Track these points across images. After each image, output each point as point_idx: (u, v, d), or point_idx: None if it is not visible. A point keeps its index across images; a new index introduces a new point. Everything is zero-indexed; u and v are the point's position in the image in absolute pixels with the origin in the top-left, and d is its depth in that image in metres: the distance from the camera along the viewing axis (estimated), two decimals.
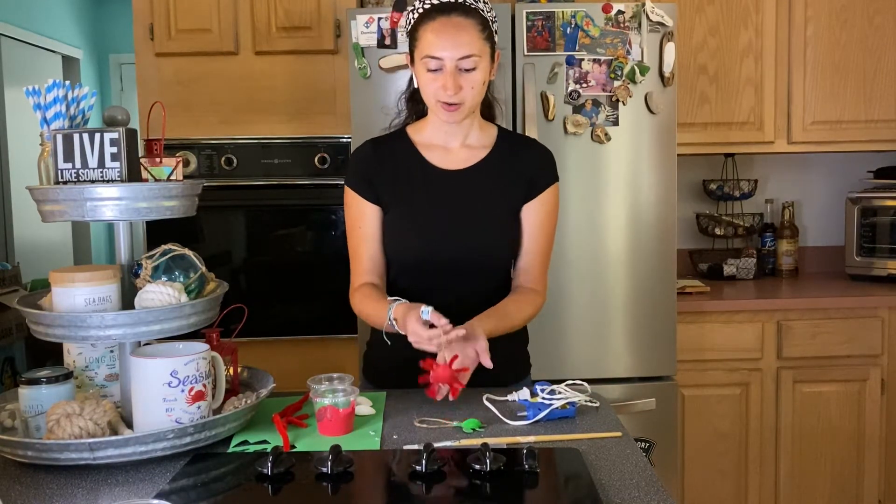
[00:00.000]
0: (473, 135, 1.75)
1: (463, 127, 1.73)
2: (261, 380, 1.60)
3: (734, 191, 3.32)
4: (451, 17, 1.60)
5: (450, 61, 1.59)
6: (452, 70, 1.60)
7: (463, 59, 1.60)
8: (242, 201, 2.88)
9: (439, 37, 1.60)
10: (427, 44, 1.61)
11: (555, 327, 2.60)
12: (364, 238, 1.72)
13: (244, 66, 2.88)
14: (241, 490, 1.22)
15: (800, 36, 3.07)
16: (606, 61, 2.55)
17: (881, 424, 2.89)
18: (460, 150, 1.74)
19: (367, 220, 1.72)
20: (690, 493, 2.87)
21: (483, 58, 1.62)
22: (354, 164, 1.76)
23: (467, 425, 1.45)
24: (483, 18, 1.63)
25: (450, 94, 1.60)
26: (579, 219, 2.59)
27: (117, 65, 6.15)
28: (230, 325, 1.65)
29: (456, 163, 1.73)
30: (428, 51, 1.61)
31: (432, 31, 1.60)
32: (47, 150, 1.45)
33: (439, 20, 1.61)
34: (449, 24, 1.60)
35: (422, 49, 1.62)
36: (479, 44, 1.61)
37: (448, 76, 1.60)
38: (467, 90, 1.62)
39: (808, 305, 2.87)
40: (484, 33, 1.62)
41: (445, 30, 1.60)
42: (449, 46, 1.59)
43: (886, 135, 3.12)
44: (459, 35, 1.59)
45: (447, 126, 1.72)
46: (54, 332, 1.37)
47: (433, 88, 1.63)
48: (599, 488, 1.17)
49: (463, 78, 1.61)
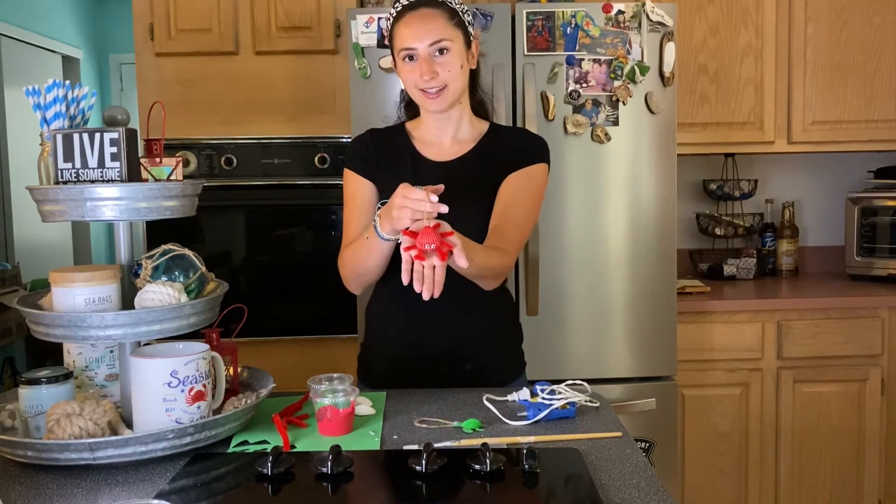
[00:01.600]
0: (464, 129, 1.78)
1: (452, 121, 1.76)
2: (261, 380, 1.60)
3: (734, 191, 3.32)
4: (419, 10, 1.68)
5: (422, 49, 1.65)
6: (426, 56, 1.65)
7: (433, 45, 1.65)
8: (242, 201, 2.88)
9: (409, 28, 1.66)
10: (400, 39, 1.68)
11: (555, 327, 2.60)
12: (358, 209, 1.76)
13: (244, 66, 2.88)
14: (241, 490, 1.22)
15: (800, 36, 3.07)
16: (606, 61, 2.55)
17: (881, 424, 2.89)
18: (452, 144, 1.78)
19: (361, 195, 1.76)
20: (690, 493, 2.87)
21: (455, 42, 1.67)
22: (353, 147, 1.82)
23: (467, 425, 1.45)
24: (451, 9, 1.69)
25: (426, 78, 1.65)
26: (579, 219, 2.59)
27: (117, 65, 6.14)
28: (230, 325, 1.65)
29: (446, 155, 1.77)
30: (401, 44, 1.68)
31: (403, 26, 1.67)
32: (47, 150, 1.45)
33: (408, 15, 1.68)
34: (417, 16, 1.67)
35: (397, 45, 1.69)
36: (448, 29, 1.67)
37: (422, 62, 1.65)
38: (444, 74, 1.66)
39: (808, 305, 2.87)
40: (453, 20, 1.68)
41: (414, 21, 1.67)
42: (419, 34, 1.65)
43: (886, 135, 3.12)
44: (427, 23, 1.66)
45: (437, 120, 1.75)
46: (54, 332, 1.37)
47: (412, 78, 1.68)
48: (599, 488, 1.17)
49: (437, 63, 1.65)
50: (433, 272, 1.39)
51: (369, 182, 1.76)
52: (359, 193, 1.76)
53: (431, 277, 1.39)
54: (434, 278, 1.39)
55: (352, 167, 1.79)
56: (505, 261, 1.66)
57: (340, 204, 1.84)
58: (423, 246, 1.39)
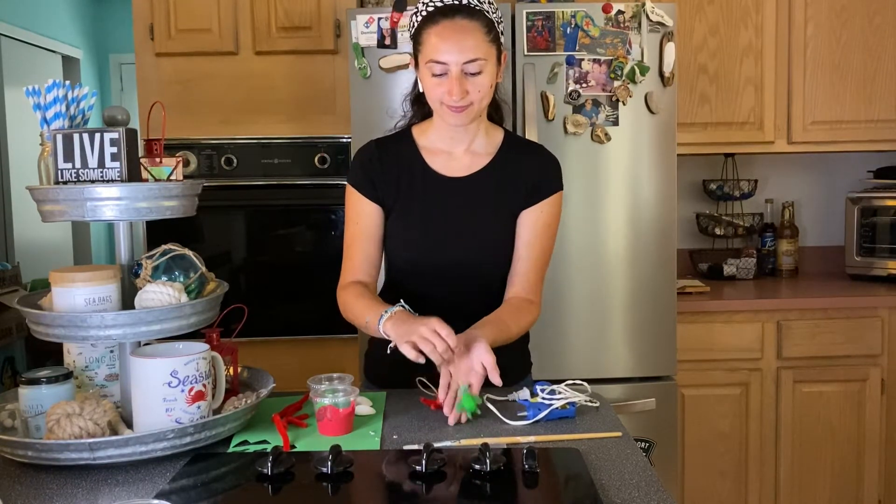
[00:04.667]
0: (479, 140, 1.72)
1: (469, 132, 1.69)
2: (261, 380, 1.60)
3: (734, 191, 3.32)
4: (455, 19, 1.56)
5: (455, 66, 1.55)
6: (458, 75, 1.55)
7: (468, 64, 1.55)
8: (242, 201, 2.88)
9: (443, 41, 1.55)
10: (431, 48, 1.56)
11: (555, 327, 2.60)
12: (360, 235, 1.71)
13: (244, 66, 2.88)
14: (241, 490, 1.22)
15: (800, 36, 3.07)
16: (606, 61, 2.55)
17: (881, 424, 2.89)
18: (464, 155, 1.71)
19: (365, 218, 1.70)
20: (690, 493, 2.87)
21: (489, 61, 1.58)
22: (358, 164, 1.74)
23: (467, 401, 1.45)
24: (488, 20, 1.58)
25: (455, 98, 1.57)
26: (579, 219, 2.59)
27: (117, 65, 6.15)
28: (230, 325, 1.65)
29: (459, 169, 1.71)
30: (432, 55, 1.56)
31: (436, 35, 1.56)
32: (47, 150, 1.45)
33: (443, 23, 1.56)
34: (453, 28, 1.55)
35: (426, 53, 1.58)
36: (484, 47, 1.56)
37: (453, 81, 1.55)
38: (474, 94, 1.58)
39: (808, 305, 2.87)
40: (489, 35, 1.58)
41: (449, 33, 1.55)
42: (454, 51, 1.54)
43: (886, 135, 3.12)
44: (464, 39, 1.55)
45: (452, 131, 1.68)
46: (54, 332, 1.37)
47: (438, 93, 1.59)
48: (599, 488, 1.17)
49: (469, 82, 1.57)
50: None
51: (375, 206, 1.70)
52: (363, 216, 1.70)
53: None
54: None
55: (356, 185, 1.71)
56: (534, 311, 1.71)
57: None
58: None
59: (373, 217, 1.71)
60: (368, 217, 1.71)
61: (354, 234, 1.71)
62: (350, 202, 1.73)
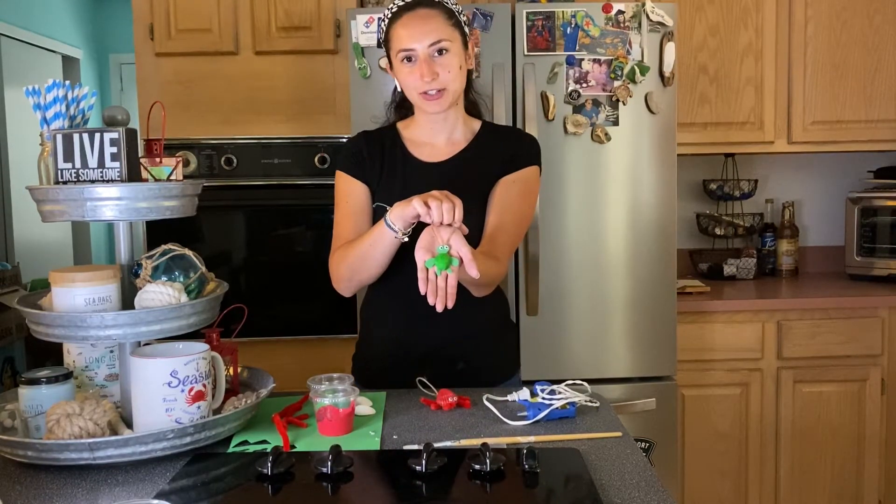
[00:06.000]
0: (458, 130, 1.78)
1: (448, 123, 1.75)
2: (261, 380, 1.60)
3: (734, 191, 3.32)
4: (417, 10, 1.67)
5: (421, 49, 1.64)
6: (425, 57, 1.64)
7: (433, 45, 1.64)
8: (242, 201, 2.88)
9: (408, 29, 1.65)
10: (398, 40, 1.67)
11: (555, 327, 2.60)
12: (349, 211, 1.75)
13: (244, 66, 2.88)
14: (241, 490, 1.22)
15: (800, 36, 3.07)
16: (606, 61, 2.55)
17: (881, 424, 2.89)
18: (445, 145, 1.77)
19: (353, 197, 1.75)
20: (690, 493, 2.87)
21: (454, 42, 1.67)
22: (347, 150, 1.81)
23: (440, 260, 1.40)
24: (448, 9, 1.69)
25: (427, 80, 1.64)
26: (579, 219, 2.59)
27: (117, 65, 6.15)
28: (230, 325, 1.65)
29: (439, 156, 1.77)
30: (399, 45, 1.66)
31: (401, 26, 1.66)
32: (47, 150, 1.45)
33: (406, 16, 1.67)
34: (415, 17, 1.66)
35: (395, 46, 1.68)
36: (447, 30, 1.66)
37: (422, 63, 1.64)
38: (444, 75, 1.65)
39: (808, 305, 2.87)
40: (451, 21, 1.68)
41: (412, 22, 1.66)
42: (418, 35, 1.64)
43: (886, 135, 3.12)
44: (426, 24, 1.65)
45: (432, 122, 1.75)
46: (54, 332, 1.37)
47: (412, 80, 1.66)
48: (599, 488, 1.17)
49: (437, 63, 1.65)
50: (446, 283, 1.41)
51: (363, 184, 1.76)
52: (351, 195, 1.76)
53: (444, 289, 1.42)
54: (447, 290, 1.42)
55: (345, 169, 1.78)
56: (500, 269, 1.68)
57: None
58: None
59: (361, 195, 1.76)
60: (356, 195, 1.76)
61: (344, 211, 1.76)
62: (339, 185, 1.78)
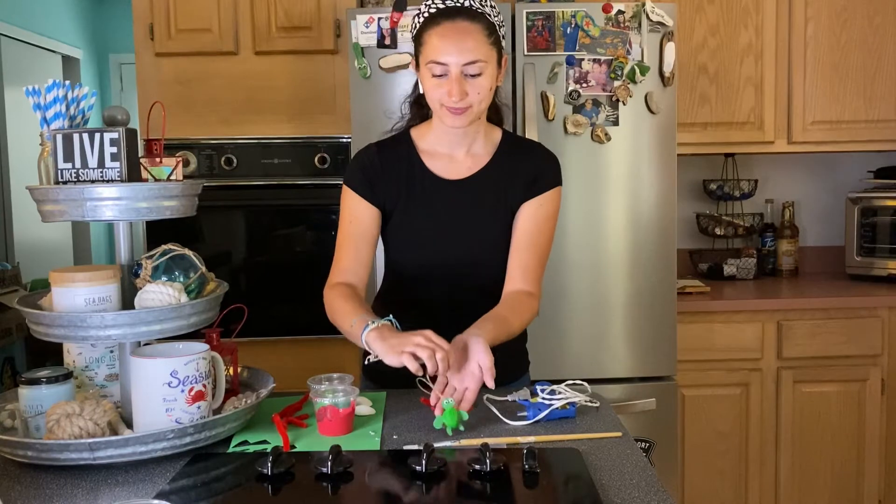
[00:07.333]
0: (478, 142, 1.72)
1: (468, 135, 1.69)
2: (261, 380, 1.60)
3: (734, 191, 3.32)
4: (457, 21, 1.57)
5: (455, 67, 1.56)
6: (458, 76, 1.56)
7: (468, 65, 1.56)
8: (242, 201, 2.88)
9: (444, 42, 1.56)
10: (432, 49, 1.57)
11: (555, 327, 2.60)
12: (353, 235, 1.70)
13: (244, 66, 2.88)
14: (241, 490, 1.22)
15: (800, 36, 3.07)
16: (606, 61, 2.55)
17: (881, 424, 2.89)
18: (465, 158, 1.71)
19: (360, 220, 1.70)
20: (690, 493, 2.87)
21: (489, 63, 1.58)
22: (358, 167, 1.73)
23: (448, 417, 1.40)
24: (490, 23, 1.59)
25: (455, 100, 1.57)
26: (579, 219, 2.59)
27: (117, 65, 6.15)
28: (230, 325, 1.65)
29: (458, 172, 1.71)
30: (433, 56, 1.57)
31: (437, 36, 1.57)
32: (47, 150, 1.45)
33: (444, 25, 1.57)
34: (454, 29, 1.56)
35: (427, 54, 1.59)
36: (485, 49, 1.57)
37: (453, 82, 1.56)
38: (473, 96, 1.58)
39: (808, 305, 2.87)
40: (490, 38, 1.59)
41: (450, 35, 1.56)
42: (454, 52, 1.55)
43: (886, 135, 3.12)
44: (465, 40, 1.56)
45: (451, 134, 1.68)
46: (54, 332, 1.37)
47: (438, 94, 1.59)
48: (599, 488, 1.17)
49: (469, 84, 1.57)
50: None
51: (374, 209, 1.70)
52: (358, 219, 1.70)
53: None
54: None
55: (353, 187, 1.70)
56: (534, 305, 1.69)
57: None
58: None
59: (368, 219, 1.70)
60: (364, 219, 1.70)
61: (348, 233, 1.71)
62: (346, 203, 1.72)
